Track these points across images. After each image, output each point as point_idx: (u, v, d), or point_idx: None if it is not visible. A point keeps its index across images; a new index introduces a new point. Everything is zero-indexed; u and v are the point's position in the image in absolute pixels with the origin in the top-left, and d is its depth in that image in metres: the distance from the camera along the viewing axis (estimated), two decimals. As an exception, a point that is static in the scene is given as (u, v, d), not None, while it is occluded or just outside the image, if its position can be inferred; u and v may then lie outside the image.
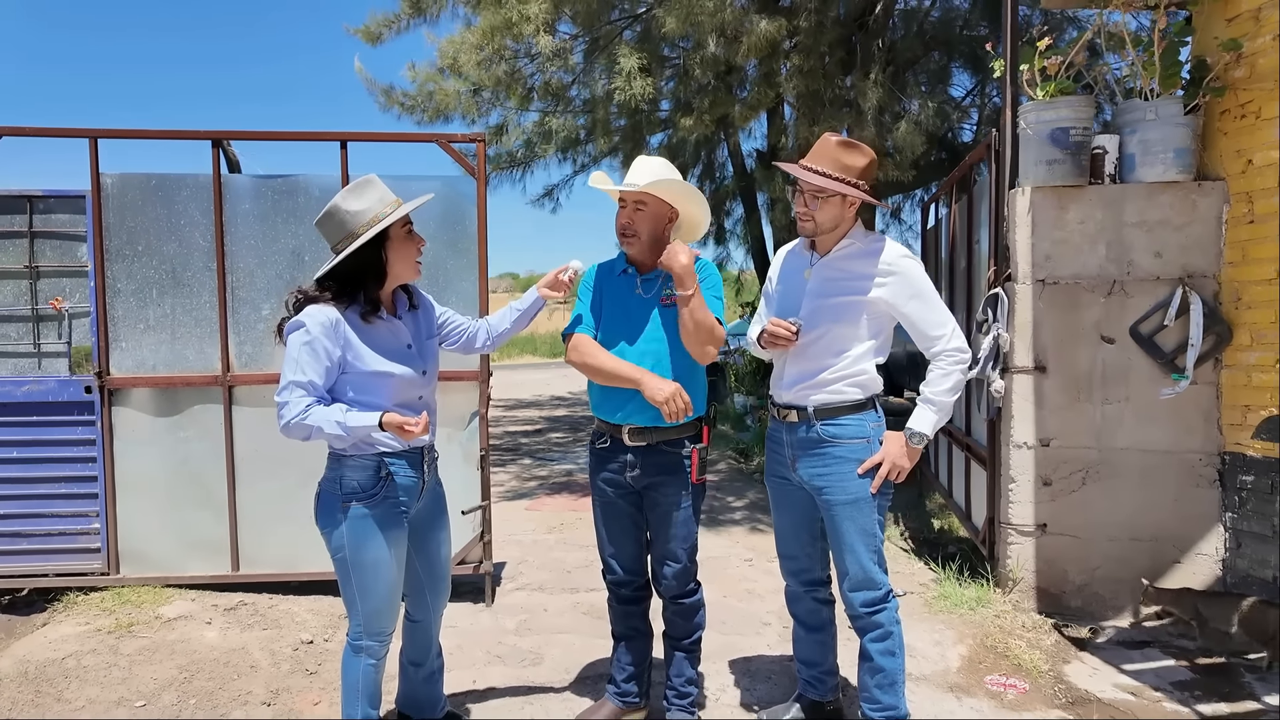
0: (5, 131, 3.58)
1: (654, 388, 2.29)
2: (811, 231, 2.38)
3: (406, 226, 2.23)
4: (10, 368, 3.65)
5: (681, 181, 2.47)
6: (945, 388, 2.34)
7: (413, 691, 2.56)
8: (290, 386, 2.06)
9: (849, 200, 2.33)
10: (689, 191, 2.46)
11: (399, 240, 2.19)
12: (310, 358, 2.06)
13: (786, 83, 6.79)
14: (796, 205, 2.37)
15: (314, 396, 2.07)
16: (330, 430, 2.04)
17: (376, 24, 8.02)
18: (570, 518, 5.46)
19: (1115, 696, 2.87)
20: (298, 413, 2.03)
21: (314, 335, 2.07)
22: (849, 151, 2.31)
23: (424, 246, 2.29)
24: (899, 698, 2.41)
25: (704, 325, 2.32)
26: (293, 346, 2.09)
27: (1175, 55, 3.43)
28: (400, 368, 2.20)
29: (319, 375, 2.08)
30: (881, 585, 2.38)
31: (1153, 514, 3.48)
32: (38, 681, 2.95)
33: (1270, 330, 3.20)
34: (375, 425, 2.05)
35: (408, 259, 2.23)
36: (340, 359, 2.12)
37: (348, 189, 2.18)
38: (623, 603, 2.63)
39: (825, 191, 2.30)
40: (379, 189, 2.19)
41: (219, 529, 3.69)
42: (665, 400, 2.27)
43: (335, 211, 2.14)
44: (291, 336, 2.10)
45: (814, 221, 2.35)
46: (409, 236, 2.23)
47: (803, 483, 2.43)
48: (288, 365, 2.08)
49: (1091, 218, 3.50)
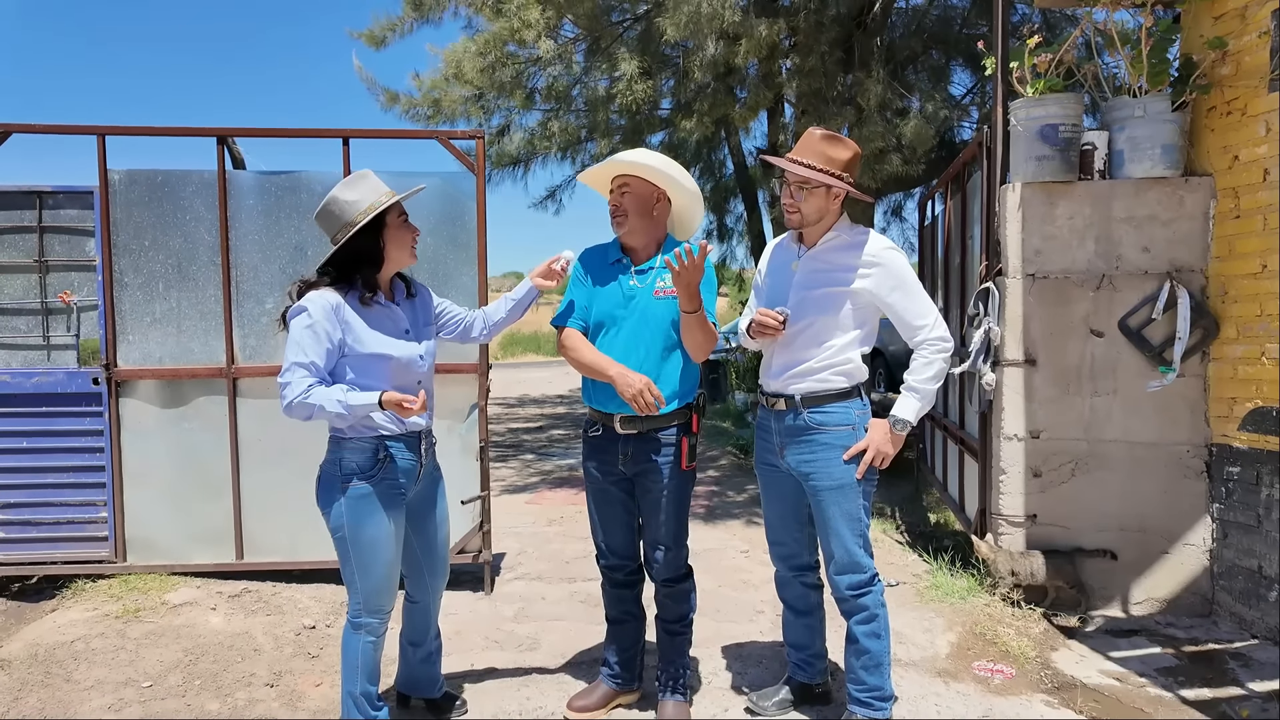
0: (15, 129, 3.66)
1: (623, 384, 2.37)
2: (798, 223, 2.45)
3: (402, 215, 2.32)
4: (20, 360, 3.74)
5: (656, 154, 2.51)
6: (928, 376, 2.40)
7: (411, 672, 2.64)
8: (293, 368, 2.13)
9: (833, 192, 2.39)
10: (666, 164, 2.48)
11: (394, 228, 2.29)
12: (312, 340, 2.14)
13: (786, 82, 6.86)
14: (783, 197, 2.44)
15: (316, 377, 2.15)
16: (331, 409, 2.11)
17: (380, 28, 8.10)
18: (570, 511, 5.53)
19: (1100, 682, 2.92)
20: (300, 392, 2.11)
21: (315, 319, 2.15)
22: (833, 145, 2.37)
23: (419, 235, 2.39)
24: (885, 679, 2.47)
25: (711, 335, 2.44)
26: (295, 330, 2.17)
27: (1163, 53, 3.48)
28: (398, 351, 2.28)
29: (320, 357, 2.15)
30: (867, 569, 2.44)
31: (1141, 505, 3.53)
32: (47, 663, 3.03)
33: (1256, 323, 3.24)
34: (375, 404, 2.13)
35: (403, 245, 2.32)
36: (340, 341, 2.20)
37: (343, 182, 2.28)
38: (616, 587, 2.70)
39: (810, 183, 2.36)
40: (372, 180, 2.29)
41: (224, 518, 3.77)
42: (634, 396, 2.35)
43: (332, 202, 2.24)
44: (294, 321, 2.18)
45: (800, 213, 2.41)
46: (404, 225, 2.32)
47: (790, 469, 2.49)
48: (290, 348, 2.16)
49: (1080, 213, 3.55)
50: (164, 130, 3.81)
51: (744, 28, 6.12)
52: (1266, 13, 3.16)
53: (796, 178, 2.37)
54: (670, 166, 2.49)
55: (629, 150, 2.56)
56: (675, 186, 2.52)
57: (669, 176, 2.47)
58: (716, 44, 6.23)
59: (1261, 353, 3.21)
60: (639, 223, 2.51)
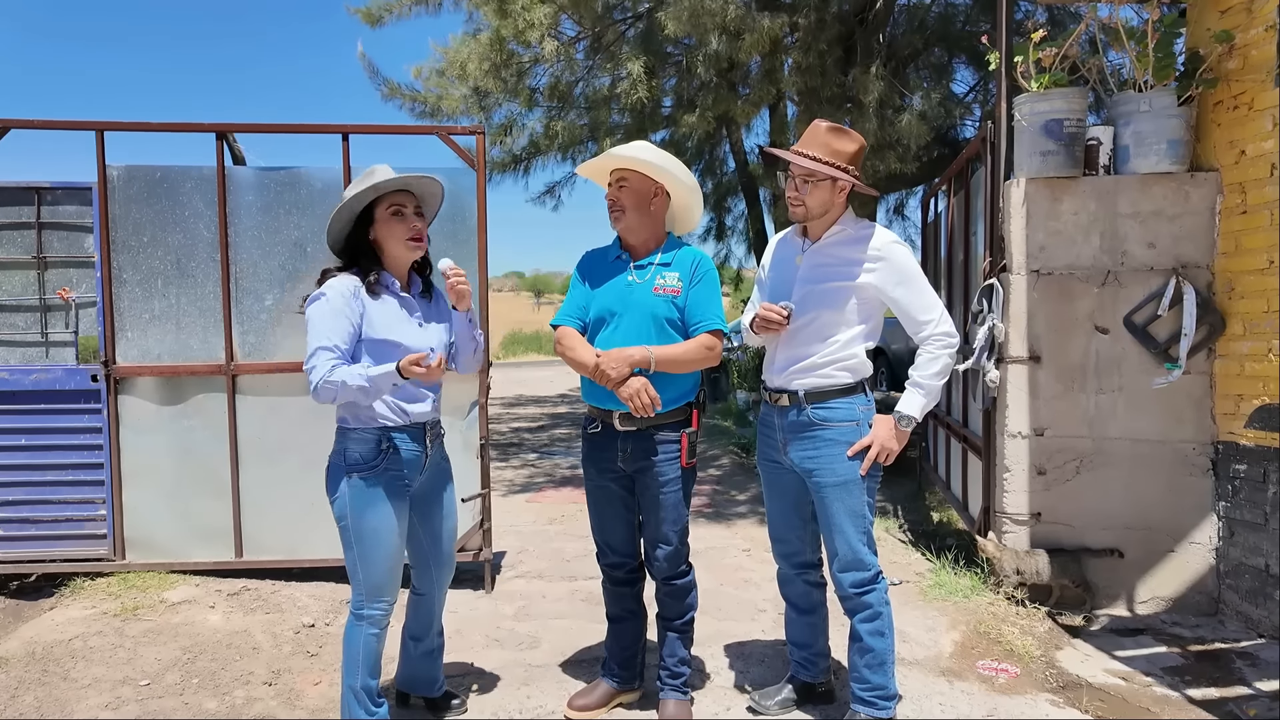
0: (14, 124, 3.64)
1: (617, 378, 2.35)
2: (802, 216, 2.42)
3: (392, 208, 2.31)
4: (19, 357, 3.72)
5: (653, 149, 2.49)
6: (933, 371, 2.38)
7: (412, 669, 2.62)
8: (316, 352, 2.15)
9: (839, 185, 2.37)
10: (663, 158, 2.46)
11: (383, 221, 2.30)
12: (332, 321, 2.17)
13: (788, 79, 6.83)
14: (788, 190, 2.41)
15: (339, 357, 2.17)
16: (354, 383, 2.13)
17: (378, 7, 8.07)
18: (571, 510, 5.51)
19: (1106, 681, 2.90)
20: (325, 372, 2.13)
21: (333, 302, 2.19)
22: (839, 137, 2.35)
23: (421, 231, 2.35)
24: (888, 678, 2.44)
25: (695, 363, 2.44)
26: (314, 315, 2.19)
27: (1169, 47, 3.46)
28: (409, 339, 2.29)
29: (341, 338, 2.18)
30: (870, 566, 2.42)
31: (1146, 503, 3.50)
32: (45, 661, 3.01)
33: (1263, 320, 3.22)
34: (394, 372, 2.15)
35: (394, 237, 2.31)
36: (358, 324, 2.22)
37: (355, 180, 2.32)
38: (616, 584, 2.67)
39: (815, 175, 2.34)
40: (377, 176, 2.29)
41: (223, 516, 3.75)
42: (630, 396, 2.34)
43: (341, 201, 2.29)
44: (312, 308, 2.21)
45: (804, 206, 2.39)
46: (393, 218, 2.31)
47: (793, 466, 2.47)
48: (311, 333, 2.18)
49: (1085, 209, 3.52)
50: (163, 126, 3.80)
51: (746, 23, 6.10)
52: (1273, 6, 3.13)
53: (801, 170, 2.35)
54: (667, 161, 2.47)
55: (627, 144, 2.54)
56: (672, 181, 2.49)
57: (666, 171, 2.45)
58: (719, 39, 6.20)
59: (1269, 349, 3.18)
60: (636, 218, 2.49)
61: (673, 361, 2.40)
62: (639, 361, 2.35)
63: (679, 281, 2.48)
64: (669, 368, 2.40)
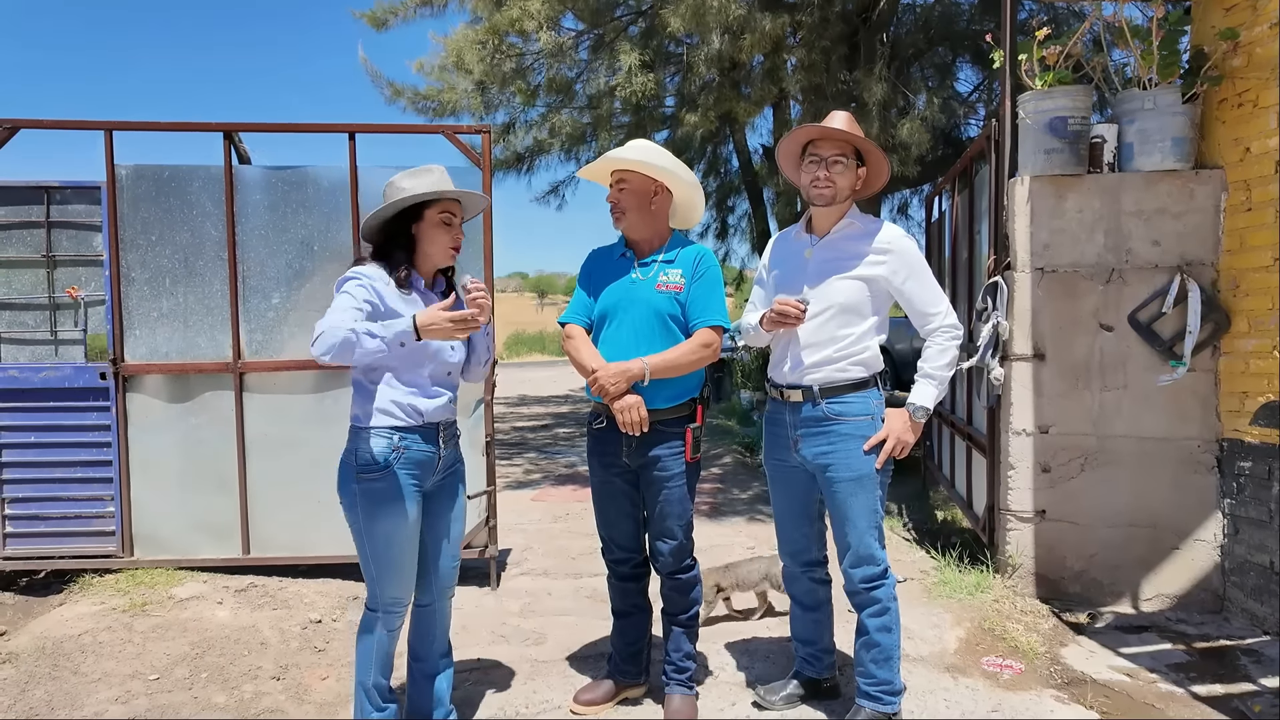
0: (23, 124, 3.67)
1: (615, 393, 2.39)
2: (830, 198, 2.42)
3: (444, 214, 2.32)
4: (28, 355, 3.74)
5: (650, 148, 2.51)
6: (943, 363, 2.41)
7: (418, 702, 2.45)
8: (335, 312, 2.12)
9: (859, 171, 2.43)
10: (661, 156, 2.48)
11: (430, 223, 2.31)
12: (350, 301, 2.16)
13: (791, 78, 6.84)
14: (816, 173, 2.41)
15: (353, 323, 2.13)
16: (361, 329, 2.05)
17: (383, 10, 8.10)
18: (576, 508, 5.53)
19: (1110, 677, 2.90)
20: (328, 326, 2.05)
21: (352, 288, 2.19)
22: (857, 124, 2.44)
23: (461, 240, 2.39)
24: (894, 673, 2.45)
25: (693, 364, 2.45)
26: (346, 289, 2.20)
27: (1173, 45, 3.46)
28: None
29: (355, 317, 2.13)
30: (881, 561, 2.43)
31: (1151, 500, 3.51)
32: (55, 656, 3.03)
33: (1268, 317, 3.22)
34: (409, 329, 2.09)
35: (436, 242, 2.33)
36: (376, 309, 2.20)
37: (409, 170, 2.32)
38: (621, 580, 2.69)
39: (846, 154, 2.38)
40: (435, 175, 2.31)
41: (230, 513, 3.77)
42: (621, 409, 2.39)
43: (390, 185, 2.31)
44: (347, 284, 2.21)
45: (834, 186, 2.40)
46: (442, 224, 2.32)
47: (804, 463, 2.47)
48: (337, 302, 2.17)
49: (1090, 206, 3.53)
50: (171, 125, 3.82)
51: (749, 22, 6.11)
52: (1277, 4, 3.13)
53: (833, 151, 2.37)
54: (665, 158, 2.49)
55: (625, 145, 2.55)
56: (671, 178, 2.52)
57: (664, 169, 2.47)
58: (721, 38, 6.22)
59: (1273, 347, 3.18)
60: (638, 217, 2.51)
61: (670, 368, 2.42)
62: (636, 376, 2.39)
63: (682, 278, 2.49)
64: (668, 374, 2.42)
